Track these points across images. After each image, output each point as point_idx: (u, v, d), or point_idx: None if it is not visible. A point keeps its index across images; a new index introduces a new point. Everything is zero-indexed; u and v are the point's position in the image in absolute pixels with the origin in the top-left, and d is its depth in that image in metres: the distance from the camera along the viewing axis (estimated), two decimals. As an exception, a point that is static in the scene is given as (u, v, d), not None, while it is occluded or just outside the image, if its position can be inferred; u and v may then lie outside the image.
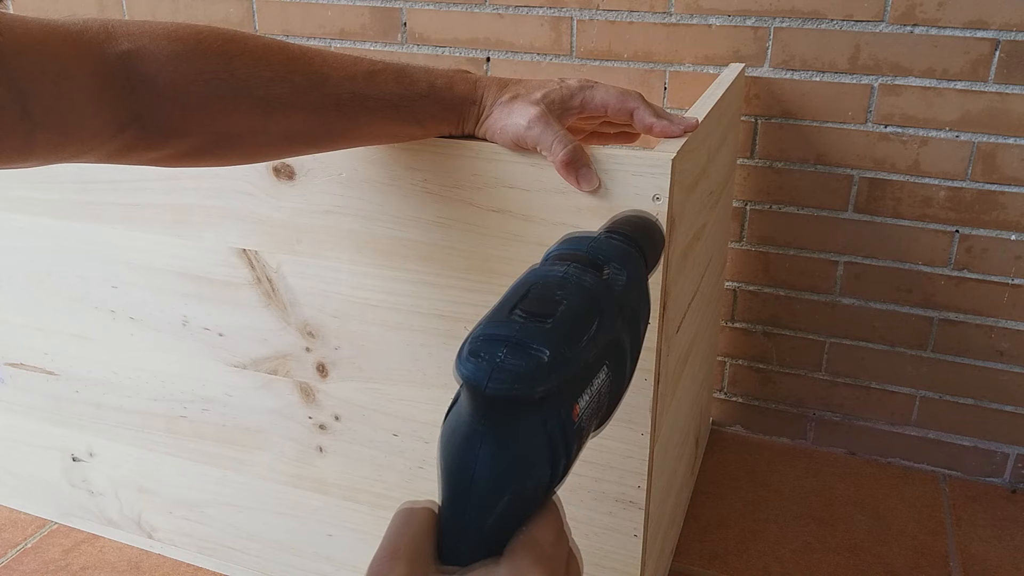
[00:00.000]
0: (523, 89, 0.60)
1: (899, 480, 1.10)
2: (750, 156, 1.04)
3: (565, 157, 0.57)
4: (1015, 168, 0.95)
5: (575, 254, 0.40)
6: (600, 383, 0.37)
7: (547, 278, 0.38)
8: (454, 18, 1.11)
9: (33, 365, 0.90)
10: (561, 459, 0.35)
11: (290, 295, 0.73)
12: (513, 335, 0.34)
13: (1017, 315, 1.01)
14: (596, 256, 0.40)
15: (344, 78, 0.55)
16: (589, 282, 0.38)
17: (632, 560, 0.70)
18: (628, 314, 0.40)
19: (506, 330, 0.34)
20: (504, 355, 0.33)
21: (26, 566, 0.94)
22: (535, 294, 0.36)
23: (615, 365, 0.38)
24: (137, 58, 0.47)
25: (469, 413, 0.34)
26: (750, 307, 1.12)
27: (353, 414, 0.76)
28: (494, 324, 0.35)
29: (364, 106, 0.56)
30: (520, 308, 0.35)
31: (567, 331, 0.35)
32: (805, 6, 0.96)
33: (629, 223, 0.47)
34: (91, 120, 0.46)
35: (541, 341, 0.34)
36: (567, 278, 0.37)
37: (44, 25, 0.44)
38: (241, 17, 1.22)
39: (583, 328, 0.36)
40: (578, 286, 0.37)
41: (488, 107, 0.60)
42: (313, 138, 0.56)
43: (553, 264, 0.39)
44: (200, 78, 0.49)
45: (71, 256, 0.81)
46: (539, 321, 0.35)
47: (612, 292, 0.38)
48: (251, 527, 0.87)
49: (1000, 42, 0.91)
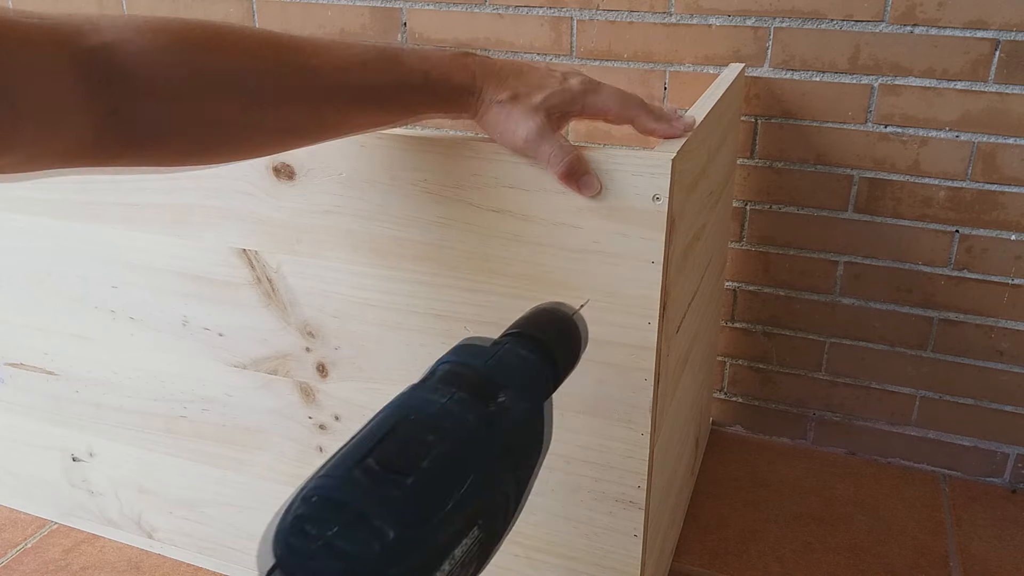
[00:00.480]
0: (522, 87, 0.58)
1: (899, 480, 1.10)
2: (750, 156, 1.04)
3: (563, 169, 0.57)
4: (1015, 168, 0.95)
5: (466, 373, 0.34)
6: (466, 549, 0.29)
7: (421, 412, 0.31)
8: (454, 18, 1.11)
9: (33, 365, 0.90)
10: None
11: (290, 295, 0.73)
12: (353, 501, 0.26)
13: (1017, 315, 1.01)
14: (492, 377, 0.34)
15: (334, 68, 0.53)
16: (471, 423, 0.31)
17: (632, 560, 0.70)
18: (517, 456, 0.33)
19: (346, 492, 0.27)
20: (335, 532, 0.26)
21: (26, 566, 0.94)
22: (400, 436, 0.29)
23: (489, 522, 0.31)
24: (116, 50, 0.46)
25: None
26: (750, 307, 1.12)
27: (353, 414, 0.76)
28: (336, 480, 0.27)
29: (355, 98, 0.54)
30: (375, 456, 0.28)
31: (428, 497, 0.27)
32: (805, 6, 0.96)
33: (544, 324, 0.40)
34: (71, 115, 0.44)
35: (387, 514, 0.26)
36: (445, 414, 0.30)
37: (29, 18, 0.43)
38: (241, 17, 1.22)
39: (450, 489, 0.28)
40: (455, 429, 0.30)
41: (487, 103, 0.58)
42: (305, 131, 0.55)
43: (436, 388, 0.32)
44: (184, 71, 0.48)
45: (71, 256, 0.81)
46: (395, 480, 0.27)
47: (498, 436, 0.31)
48: (251, 527, 0.87)
49: (1000, 42, 0.91)
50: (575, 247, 0.60)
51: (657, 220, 0.57)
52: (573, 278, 0.61)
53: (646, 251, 0.58)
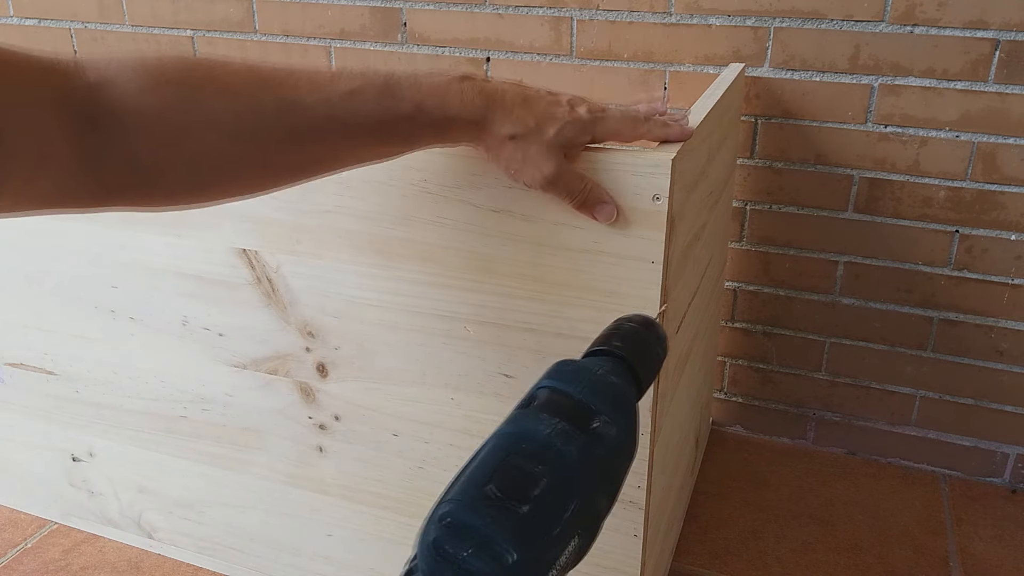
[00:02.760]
0: (532, 119, 0.55)
1: (899, 480, 1.10)
2: (750, 156, 1.04)
3: (578, 203, 0.57)
4: (1015, 168, 0.95)
5: (564, 402, 0.38)
6: (568, 556, 0.35)
7: (529, 442, 0.36)
8: (454, 18, 1.11)
9: (33, 365, 0.90)
10: None
11: (290, 295, 0.73)
12: (482, 527, 0.32)
13: (1017, 315, 1.01)
14: (588, 403, 0.38)
15: (319, 101, 0.51)
16: (572, 453, 0.36)
17: (632, 560, 0.70)
18: (610, 477, 0.38)
19: (476, 518, 0.32)
20: (469, 553, 0.32)
21: (26, 566, 0.94)
22: (513, 464, 0.35)
23: (587, 532, 0.37)
24: (101, 91, 0.46)
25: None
26: (750, 307, 1.12)
27: (353, 414, 0.76)
28: (465, 506, 0.33)
29: (344, 130, 0.52)
30: (496, 482, 0.34)
31: (539, 525, 0.33)
32: (805, 6, 0.96)
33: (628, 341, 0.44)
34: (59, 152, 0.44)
35: (510, 539, 0.32)
36: (550, 446, 0.35)
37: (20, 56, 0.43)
38: (241, 17, 1.22)
39: (558, 515, 0.34)
40: (560, 459, 0.35)
41: (496, 137, 0.55)
42: (293, 168, 0.53)
43: (539, 417, 0.37)
44: (165, 112, 0.47)
45: (71, 256, 0.81)
46: (512, 508, 0.33)
47: (596, 465, 0.37)
48: (251, 527, 0.87)
49: (1000, 42, 0.91)
50: (575, 247, 0.60)
51: (657, 220, 0.57)
52: (573, 278, 0.61)
53: (646, 251, 0.58)
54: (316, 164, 0.54)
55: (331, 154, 0.54)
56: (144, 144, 0.47)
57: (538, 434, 0.36)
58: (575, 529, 0.35)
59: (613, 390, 0.40)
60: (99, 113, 0.46)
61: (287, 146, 0.51)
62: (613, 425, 0.38)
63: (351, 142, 0.53)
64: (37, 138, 0.43)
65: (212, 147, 0.49)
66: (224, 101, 0.49)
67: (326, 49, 1.19)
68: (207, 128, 0.48)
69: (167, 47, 1.29)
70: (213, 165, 0.50)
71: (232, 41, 1.24)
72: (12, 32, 1.38)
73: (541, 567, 0.33)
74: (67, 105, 0.45)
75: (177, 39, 1.28)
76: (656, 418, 0.65)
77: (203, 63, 0.50)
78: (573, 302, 0.62)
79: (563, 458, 0.35)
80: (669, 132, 0.61)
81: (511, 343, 0.66)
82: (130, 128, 0.46)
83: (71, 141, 0.45)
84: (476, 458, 0.36)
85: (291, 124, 0.51)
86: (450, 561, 0.31)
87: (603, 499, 0.37)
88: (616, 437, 0.38)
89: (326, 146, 0.53)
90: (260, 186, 0.54)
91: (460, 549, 0.32)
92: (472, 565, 0.31)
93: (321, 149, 0.53)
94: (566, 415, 0.37)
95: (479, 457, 0.36)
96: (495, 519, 0.32)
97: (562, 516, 0.34)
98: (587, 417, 0.38)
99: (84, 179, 0.46)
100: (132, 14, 1.29)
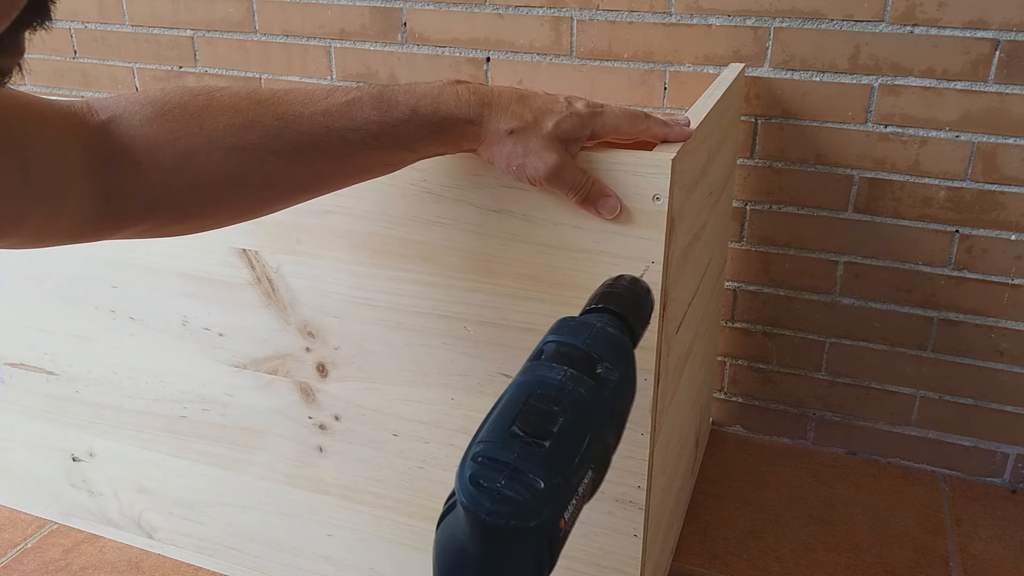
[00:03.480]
0: (529, 113, 0.55)
1: (899, 480, 1.10)
2: (750, 156, 1.04)
3: (581, 199, 0.57)
4: (1015, 168, 0.95)
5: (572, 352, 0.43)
6: (585, 487, 0.40)
7: (545, 387, 0.40)
8: (454, 18, 1.11)
9: (33, 365, 0.90)
10: (546, 568, 0.38)
11: (290, 295, 0.73)
12: (512, 461, 0.37)
13: (1017, 315, 1.01)
14: (592, 353, 0.43)
15: (316, 113, 0.52)
16: (584, 394, 0.40)
17: (632, 560, 0.70)
18: (617, 413, 0.43)
19: (506, 454, 0.37)
20: (503, 484, 0.36)
21: (26, 566, 0.94)
22: (533, 407, 0.39)
23: (600, 466, 0.41)
24: (114, 126, 0.48)
25: (465, 532, 0.37)
26: (750, 307, 1.12)
27: (353, 414, 0.76)
28: (494, 444, 0.37)
29: (343, 139, 0.53)
30: (519, 424, 0.38)
31: (562, 456, 0.38)
32: (805, 6, 0.96)
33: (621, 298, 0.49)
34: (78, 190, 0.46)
35: (537, 469, 0.37)
36: (563, 390, 0.40)
37: (41, 100, 0.46)
38: (241, 17, 1.22)
39: (577, 448, 0.39)
40: (574, 399, 0.40)
41: (493, 133, 0.55)
42: (298, 182, 0.54)
43: (551, 364, 0.42)
44: (171, 137, 0.49)
45: (71, 256, 0.81)
46: (536, 443, 0.38)
47: (604, 399, 0.41)
48: (251, 527, 0.87)
49: (1000, 42, 0.91)
50: (575, 247, 0.60)
51: (657, 220, 0.57)
52: (573, 278, 0.61)
53: (646, 251, 0.58)
54: (320, 179, 0.55)
55: (333, 168, 0.54)
56: (154, 171, 0.49)
57: (552, 380, 0.41)
58: (590, 462, 0.40)
59: (612, 340, 0.44)
60: (112, 148, 0.48)
61: (290, 160, 0.52)
62: (615, 370, 0.43)
63: (351, 151, 0.54)
64: (59, 176, 0.45)
65: (218, 166, 0.50)
66: (226, 119, 0.50)
67: (326, 49, 1.19)
68: (211, 147, 0.50)
69: (167, 47, 1.29)
70: (220, 185, 0.51)
71: (232, 41, 1.24)
72: (12, 32, 1.38)
73: (565, 493, 0.37)
74: (84, 144, 0.47)
75: (177, 39, 1.28)
76: (656, 418, 0.65)
77: (204, 90, 0.51)
78: (573, 302, 0.62)
79: (576, 399, 0.40)
80: (669, 131, 0.61)
81: (511, 343, 0.66)
82: (141, 158, 0.48)
83: (89, 178, 0.47)
84: (499, 405, 0.40)
85: (292, 138, 0.52)
86: (487, 491, 0.35)
87: (611, 435, 0.42)
88: (619, 380, 0.43)
89: (328, 158, 0.53)
90: (267, 204, 0.55)
91: (495, 481, 0.36)
92: (506, 493, 0.35)
93: (323, 162, 0.53)
94: (574, 363, 0.42)
95: (502, 403, 0.40)
96: (522, 454, 0.37)
97: (579, 449, 0.38)
98: (592, 364, 0.42)
99: (101, 213, 0.48)
100: (132, 14, 1.29)
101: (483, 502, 0.35)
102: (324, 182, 0.56)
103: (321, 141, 0.52)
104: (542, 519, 0.36)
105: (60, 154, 0.45)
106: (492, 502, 0.35)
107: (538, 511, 0.36)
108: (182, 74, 1.30)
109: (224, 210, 0.53)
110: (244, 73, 1.26)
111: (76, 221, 0.47)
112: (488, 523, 0.35)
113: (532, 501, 0.36)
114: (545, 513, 0.36)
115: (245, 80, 1.27)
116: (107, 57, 1.34)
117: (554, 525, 0.37)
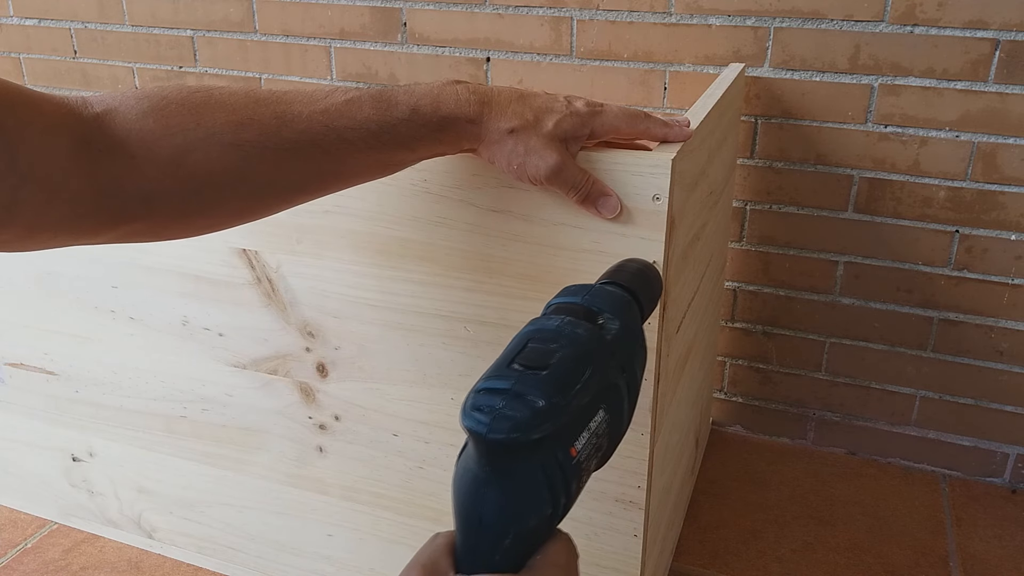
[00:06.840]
0: (529, 112, 0.55)
1: (899, 480, 1.10)
2: (750, 156, 1.04)
3: (581, 198, 0.57)
4: (1015, 168, 0.95)
5: (571, 306, 0.44)
6: (598, 425, 0.40)
7: (543, 331, 0.41)
8: (454, 18, 1.11)
9: (33, 365, 0.90)
10: (561, 496, 0.38)
11: (290, 295, 0.73)
12: (511, 387, 0.38)
13: (1017, 315, 1.01)
14: (591, 306, 0.44)
15: (315, 112, 0.52)
16: (582, 333, 0.41)
17: (632, 560, 0.70)
18: (621, 359, 0.43)
19: (504, 383, 0.38)
20: (503, 405, 0.37)
21: (26, 566, 0.94)
22: (532, 347, 0.40)
23: (612, 407, 0.42)
24: (109, 119, 0.48)
25: (475, 459, 0.38)
26: (750, 307, 1.12)
27: (353, 414, 0.76)
28: (494, 378, 0.38)
29: (342, 138, 0.53)
30: (518, 361, 0.39)
31: (561, 380, 0.38)
32: (805, 6, 0.96)
33: (626, 272, 0.50)
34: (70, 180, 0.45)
35: (536, 391, 0.37)
36: (561, 330, 0.41)
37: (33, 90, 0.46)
38: (241, 17, 1.22)
39: (576, 376, 0.39)
40: (571, 337, 0.41)
41: (493, 132, 0.55)
42: (297, 181, 0.54)
43: (550, 316, 0.43)
44: (167, 132, 0.48)
45: (71, 256, 0.81)
46: (535, 372, 0.38)
47: (604, 340, 0.42)
48: (251, 527, 0.87)
49: (1000, 42, 0.91)
50: (575, 247, 0.60)
51: (657, 220, 0.57)
52: (573, 278, 0.61)
53: (646, 251, 0.58)
54: (319, 179, 0.55)
55: (332, 167, 0.54)
56: (150, 166, 0.48)
57: (550, 325, 0.42)
58: (599, 399, 0.40)
59: (613, 296, 0.45)
60: (106, 140, 0.47)
61: (288, 159, 0.52)
62: (616, 320, 0.43)
63: (350, 151, 0.53)
64: (49, 163, 0.44)
65: (215, 163, 0.50)
66: (224, 116, 0.50)
67: (326, 49, 1.19)
68: (208, 144, 0.49)
69: (167, 47, 1.29)
70: (217, 183, 0.51)
71: (232, 41, 1.24)
72: (12, 32, 1.38)
73: (567, 414, 0.38)
74: (76, 133, 0.46)
75: (177, 39, 1.28)
76: (656, 418, 0.65)
77: (202, 88, 0.51)
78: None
79: (574, 337, 0.41)
80: (669, 131, 0.61)
81: (511, 343, 0.66)
82: (136, 151, 0.48)
83: (82, 169, 0.46)
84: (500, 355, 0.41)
85: (290, 136, 0.51)
86: (488, 413, 0.36)
87: (619, 377, 0.42)
88: (620, 328, 0.43)
89: (327, 158, 0.53)
90: (265, 205, 0.55)
91: (495, 404, 0.37)
92: (507, 412, 0.36)
93: (322, 161, 0.53)
94: (574, 314, 0.43)
95: (502, 352, 0.41)
96: (521, 380, 0.38)
97: (579, 377, 0.39)
98: (592, 315, 0.43)
99: (95, 207, 0.47)
100: (132, 14, 1.29)
101: (483, 420, 0.36)
102: (323, 182, 0.55)
103: (320, 140, 0.52)
104: (544, 433, 0.36)
105: (49, 141, 0.44)
106: (493, 419, 0.36)
107: (538, 425, 0.36)
108: (182, 74, 1.30)
109: (223, 209, 0.53)
110: (244, 73, 1.26)
111: (69, 214, 0.46)
112: (490, 439, 0.36)
113: (531, 417, 0.36)
114: (546, 427, 0.36)
115: (245, 80, 1.27)
116: (107, 57, 1.34)
117: (564, 448, 0.38)
